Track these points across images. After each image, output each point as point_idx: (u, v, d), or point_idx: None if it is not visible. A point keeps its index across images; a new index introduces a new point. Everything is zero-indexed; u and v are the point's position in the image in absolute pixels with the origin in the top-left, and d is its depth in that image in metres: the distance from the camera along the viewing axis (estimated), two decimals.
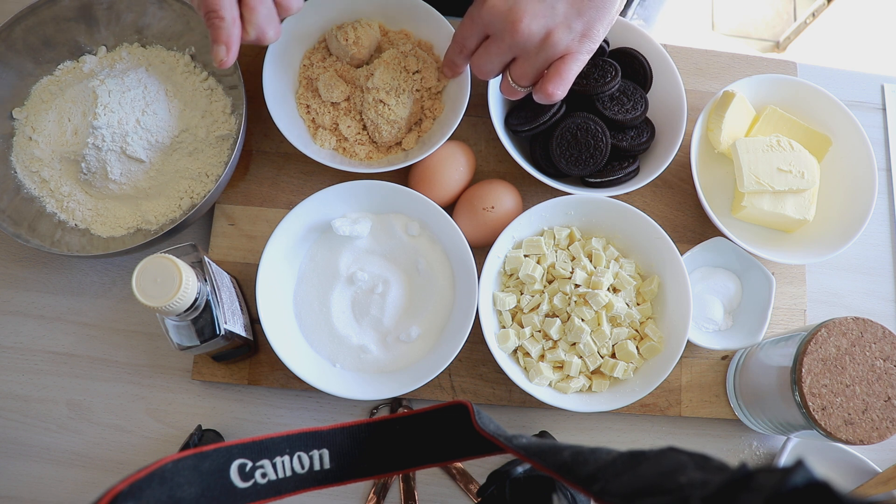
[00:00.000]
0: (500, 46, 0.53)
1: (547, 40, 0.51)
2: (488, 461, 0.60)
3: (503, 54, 0.54)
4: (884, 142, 0.76)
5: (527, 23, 0.50)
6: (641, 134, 0.67)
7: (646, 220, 0.62)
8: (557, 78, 0.53)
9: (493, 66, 0.55)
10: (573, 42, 0.52)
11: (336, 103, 0.65)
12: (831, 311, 0.70)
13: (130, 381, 0.62)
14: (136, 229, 0.62)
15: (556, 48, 0.52)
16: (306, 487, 0.40)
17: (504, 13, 0.51)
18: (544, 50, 0.52)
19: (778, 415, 0.58)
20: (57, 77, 0.64)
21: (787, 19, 1.96)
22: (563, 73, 0.53)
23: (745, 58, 0.76)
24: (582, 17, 0.51)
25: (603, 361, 0.60)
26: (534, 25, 0.51)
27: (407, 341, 0.61)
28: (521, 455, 0.37)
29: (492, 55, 0.54)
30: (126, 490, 0.32)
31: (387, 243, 0.63)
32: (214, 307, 0.50)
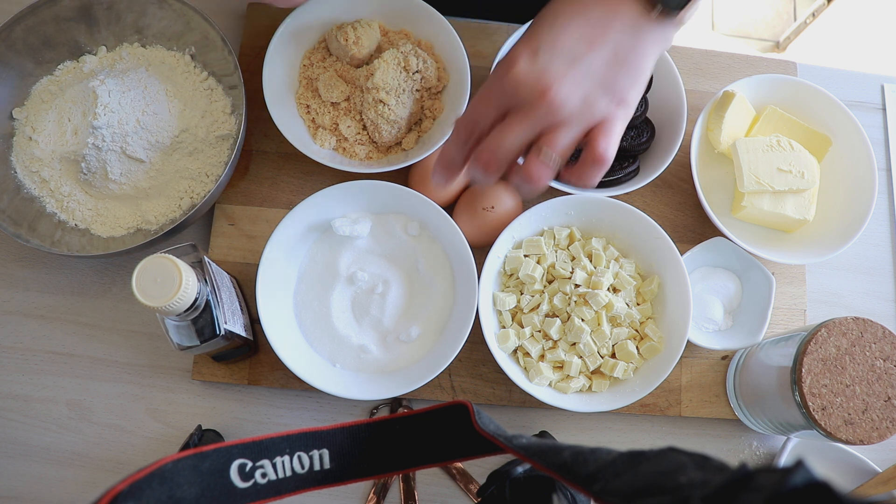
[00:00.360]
0: (526, 119, 0.45)
1: (584, 105, 0.45)
2: (488, 461, 0.60)
3: (529, 129, 0.45)
4: (884, 142, 0.76)
5: (563, 89, 0.44)
6: (641, 134, 0.67)
7: (646, 220, 0.62)
8: (606, 136, 0.45)
9: (513, 147, 0.45)
10: (610, 106, 0.46)
11: (336, 103, 0.65)
12: (831, 311, 0.70)
13: (130, 381, 0.62)
14: (136, 229, 0.62)
15: (594, 114, 0.45)
16: (306, 487, 0.40)
17: (534, 81, 0.44)
18: (582, 116, 0.45)
19: (778, 415, 0.58)
20: (57, 77, 0.64)
21: (787, 19, 1.96)
22: (610, 132, 0.46)
23: (745, 58, 0.76)
24: (617, 82, 0.46)
25: (603, 361, 0.60)
26: (570, 91, 0.44)
27: (407, 341, 0.61)
28: (521, 455, 0.37)
29: (514, 131, 0.45)
30: (126, 490, 0.32)
31: (387, 243, 0.63)
32: (214, 307, 0.50)
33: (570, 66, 0.44)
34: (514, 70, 0.45)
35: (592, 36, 0.45)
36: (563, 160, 0.46)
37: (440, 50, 0.67)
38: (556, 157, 0.46)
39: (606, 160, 0.46)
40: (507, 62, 0.45)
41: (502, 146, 0.45)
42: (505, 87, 0.45)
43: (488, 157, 0.46)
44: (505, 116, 0.46)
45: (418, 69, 0.64)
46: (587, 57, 0.45)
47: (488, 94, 0.46)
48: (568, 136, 0.45)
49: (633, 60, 0.46)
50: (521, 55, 0.45)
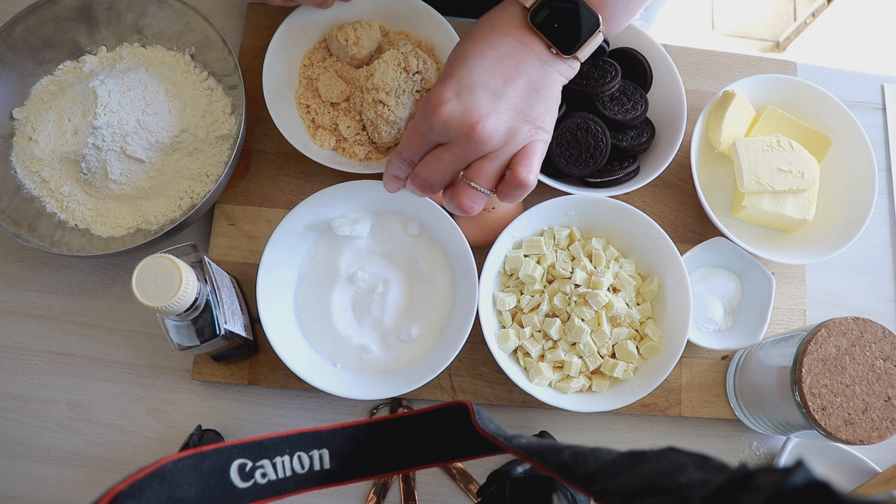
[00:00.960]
0: (455, 153, 0.48)
1: (508, 136, 0.48)
2: (488, 461, 0.60)
3: (458, 161, 0.49)
4: (884, 142, 0.76)
5: (489, 124, 0.47)
6: (641, 134, 0.67)
7: (646, 220, 0.62)
8: (527, 162, 0.49)
9: (445, 175, 0.50)
10: (530, 132, 0.49)
11: (336, 103, 0.65)
12: (831, 311, 0.70)
13: (130, 381, 0.62)
14: (136, 229, 0.63)
15: (517, 142, 0.49)
16: (306, 487, 0.40)
17: (460, 118, 0.47)
18: (507, 146, 0.49)
19: (778, 415, 0.58)
20: (57, 77, 0.64)
21: (787, 19, 1.96)
22: (531, 157, 0.49)
23: (745, 58, 0.76)
24: (534, 109, 0.49)
25: (603, 361, 0.60)
26: (495, 125, 0.47)
27: (407, 341, 0.61)
28: (521, 455, 0.37)
29: (444, 162, 0.49)
30: (126, 490, 0.32)
31: (387, 243, 0.63)
32: (214, 307, 0.50)
33: (492, 102, 0.48)
34: (441, 109, 0.48)
35: (507, 71, 0.49)
36: (491, 185, 0.50)
37: (440, 51, 0.67)
38: (486, 186, 0.50)
39: (529, 184, 0.49)
40: (433, 102, 0.48)
41: (434, 176, 0.50)
42: (434, 126, 0.48)
43: (422, 182, 0.51)
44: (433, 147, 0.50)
45: (418, 70, 0.64)
46: (506, 91, 0.48)
47: (418, 132, 0.50)
48: (494, 167, 0.49)
49: (545, 90, 0.50)
50: (443, 96, 0.48)
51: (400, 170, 0.53)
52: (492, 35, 0.50)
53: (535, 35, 0.50)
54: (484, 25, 0.51)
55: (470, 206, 0.50)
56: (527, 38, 0.50)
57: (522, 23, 0.50)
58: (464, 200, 0.50)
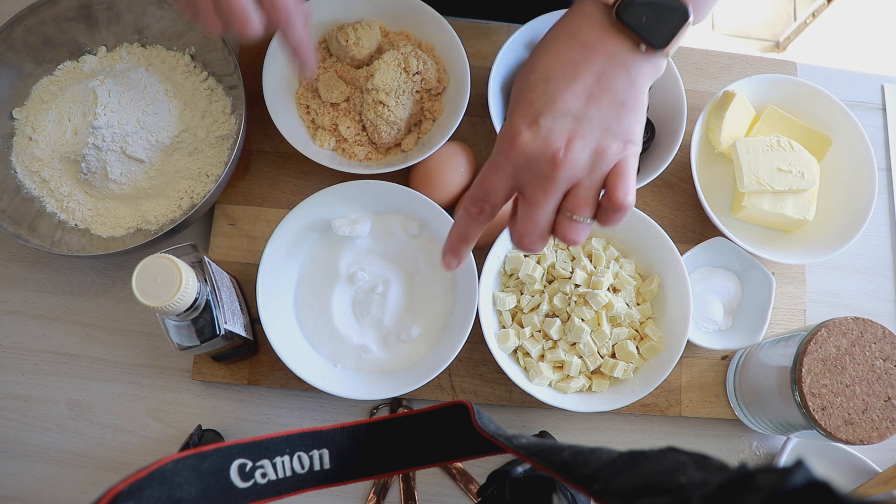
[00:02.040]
0: (547, 189, 0.44)
1: (595, 156, 0.44)
2: (488, 461, 0.60)
3: (553, 198, 0.44)
4: (884, 142, 0.76)
5: (573, 150, 0.43)
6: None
7: (646, 220, 0.62)
8: (621, 182, 0.44)
9: (547, 216, 0.45)
10: (619, 148, 0.45)
11: (336, 104, 0.65)
12: (831, 311, 0.70)
13: (130, 381, 0.62)
14: (136, 229, 0.63)
15: (605, 161, 0.44)
16: (306, 487, 0.40)
17: (541, 149, 0.43)
18: (597, 168, 0.44)
19: (778, 415, 0.58)
20: (57, 77, 0.64)
21: (787, 19, 1.97)
22: (624, 176, 0.45)
23: (745, 58, 0.76)
24: (622, 124, 0.45)
25: (603, 361, 0.60)
26: (580, 149, 0.44)
27: (407, 341, 0.61)
28: (521, 455, 0.37)
29: (540, 206, 0.44)
30: (126, 490, 0.32)
31: (387, 243, 0.63)
32: (214, 307, 0.50)
33: (574, 126, 0.44)
34: (519, 141, 0.44)
35: (589, 90, 0.45)
36: (592, 213, 0.46)
37: (440, 52, 0.67)
38: (586, 216, 0.45)
39: (628, 206, 0.45)
40: (510, 135, 0.45)
41: (537, 225, 0.45)
42: (513, 160, 0.44)
43: (529, 239, 0.46)
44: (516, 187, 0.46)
45: (418, 70, 0.64)
46: (588, 111, 0.44)
47: (496, 168, 0.45)
48: (589, 192, 0.45)
49: (631, 100, 0.46)
50: (521, 126, 0.44)
51: (469, 224, 0.47)
52: (570, 47, 0.46)
53: (620, 35, 0.45)
54: (560, 35, 0.47)
55: (575, 238, 0.46)
56: (610, 42, 0.45)
57: (605, 23, 0.45)
58: (569, 235, 0.45)
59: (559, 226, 0.46)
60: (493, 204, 0.46)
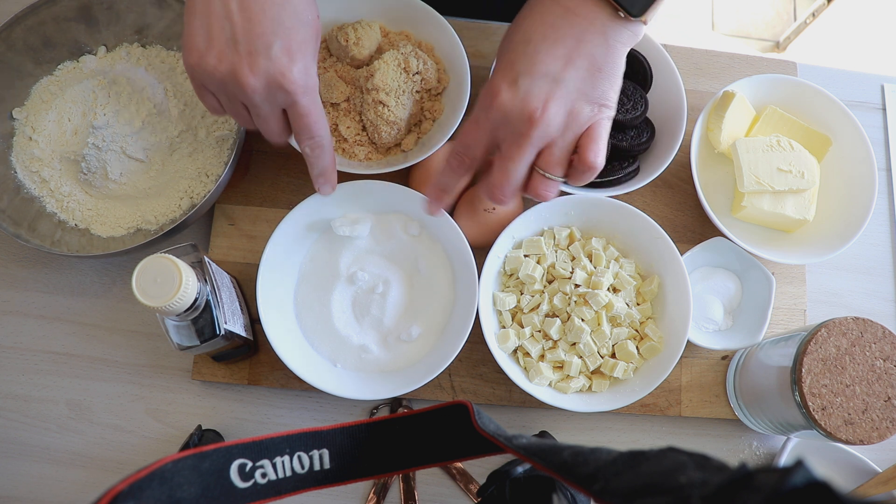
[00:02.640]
0: (522, 145, 0.48)
1: (570, 118, 0.47)
2: (488, 461, 0.60)
3: (527, 154, 0.48)
4: (884, 142, 0.76)
5: (549, 110, 0.46)
6: (641, 134, 0.67)
7: (646, 220, 0.62)
8: (592, 144, 0.48)
9: (521, 172, 0.49)
10: (593, 111, 0.48)
11: (336, 104, 0.65)
12: (831, 311, 0.70)
13: (130, 381, 0.62)
14: (136, 229, 0.63)
15: (579, 123, 0.48)
16: (306, 487, 0.40)
17: (519, 108, 0.47)
18: (570, 129, 0.48)
19: (778, 415, 0.58)
20: (57, 77, 0.64)
21: (787, 19, 1.97)
22: (596, 138, 0.48)
23: (745, 58, 0.76)
24: (597, 88, 0.48)
25: (603, 361, 0.60)
26: (556, 110, 0.47)
27: (407, 341, 0.61)
28: (521, 455, 0.37)
29: (515, 160, 0.48)
30: (126, 490, 0.32)
31: (387, 243, 0.63)
32: (214, 307, 0.50)
33: (551, 87, 0.47)
34: (499, 100, 0.47)
35: (568, 54, 0.47)
36: (563, 171, 0.50)
37: (440, 52, 0.67)
38: (557, 174, 0.49)
39: (597, 166, 0.48)
40: (491, 93, 0.48)
41: (510, 179, 0.49)
42: (492, 116, 0.48)
43: (500, 191, 0.50)
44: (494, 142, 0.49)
45: (418, 70, 0.64)
46: (566, 74, 0.47)
47: (477, 124, 0.49)
48: (562, 152, 0.49)
49: (608, 66, 0.48)
50: (502, 85, 0.48)
51: (450, 176, 0.51)
52: (552, 12, 0.48)
53: (600, 1, 0.47)
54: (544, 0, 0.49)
55: (545, 194, 0.50)
56: (590, 8, 0.47)
57: None
58: (539, 191, 0.50)
59: (532, 182, 0.50)
60: (472, 157, 0.50)
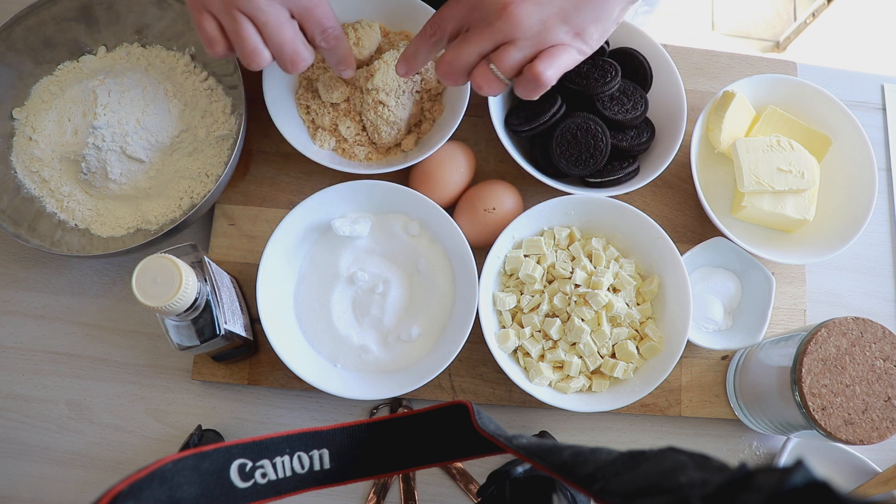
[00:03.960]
0: (484, 33, 0.47)
1: (540, 27, 0.46)
2: (488, 461, 0.60)
3: (486, 42, 0.48)
4: (884, 142, 0.76)
5: (522, 7, 0.46)
6: (641, 134, 0.67)
7: (646, 220, 0.62)
8: (549, 59, 0.47)
9: (472, 56, 0.49)
10: (566, 36, 0.47)
11: (336, 104, 0.65)
12: (831, 311, 0.70)
13: (130, 381, 0.62)
14: (136, 229, 0.63)
15: (547, 37, 0.47)
16: (306, 487, 0.40)
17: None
18: (535, 38, 0.47)
19: (778, 415, 0.58)
20: (57, 77, 0.64)
21: (787, 19, 1.96)
22: (556, 56, 0.47)
23: (745, 58, 0.76)
24: (579, 13, 0.47)
25: (603, 361, 0.60)
26: (529, 10, 0.46)
27: (407, 341, 0.61)
28: (521, 455, 0.37)
29: (472, 44, 0.48)
30: (126, 490, 0.32)
31: (387, 243, 0.63)
32: (214, 307, 0.50)
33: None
34: None
35: None
36: (510, 73, 0.49)
37: None
38: (506, 73, 0.48)
39: (544, 81, 0.47)
40: None
41: (459, 58, 0.49)
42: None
43: (446, 67, 0.50)
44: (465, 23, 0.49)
45: (418, 71, 0.64)
46: None
47: (457, 1, 0.49)
48: (517, 55, 0.48)
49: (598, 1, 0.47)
50: None
51: (420, 45, 0.51)
52: None
53: None
54: None
55: (481, 85, 0.49)
56: None
57: None
58: (479, 80, 0.49)
59: (477, 70, 0.49)
60: (443, 30, 0.50)
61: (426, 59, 0.53)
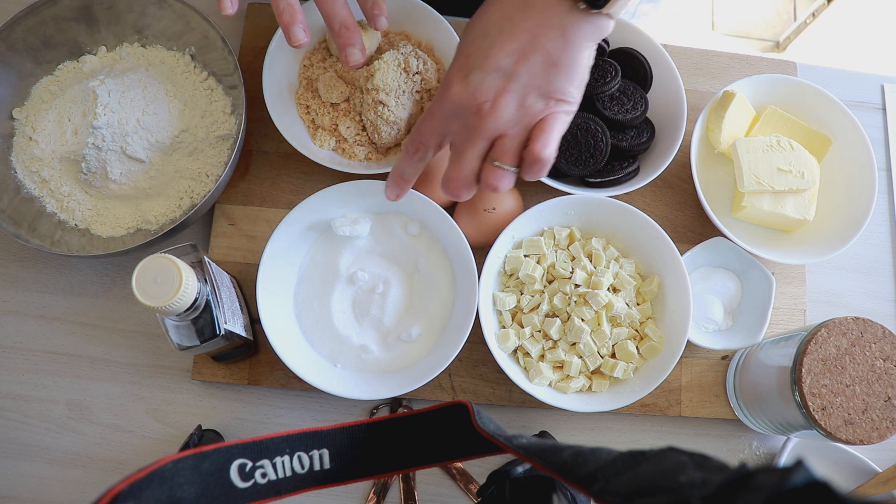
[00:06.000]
0: (473, 138, 0.49)
1: (521, 111, 0.48)
2: (488, 461, 0.60)
3: (478, 145, 0.49)
4: (884, 142, 0.76)
5: (498, 103, 0.47)
6: (641, 134, 0.67)
7: (646, 220, 0.62)
8: (543, 136, 0.48)
9: (473, 163, 0.50)
10: (548, 106, 0.48)
11: (336, 104, 0.65)
12: (831, 311, 0.70)
13: (130, 381, 0.62)
14: (136, 229, 0.63)
15: (531, 114, 0.48)
16: (306, 487, 0.40)
17: (468, 100, 0.48)
18: (521, 122, 0.48)
19: (778, 415, 0.58)
20: (57, 77, 0.64)
21: (787, 19, 1.96)
22: (547, 131, 0.48)
23: (745, 58, 0.76)
24: (550, 82, 0.48)
25: (603, 361, 0.60)
26: (505, 102, 0.47)
27: (407, 341, 0.61)
28: (521, 455, 0.37)
29: (466, 152, 0.49)
30: (126, 490, 0.32)
31: (387, 243, 0.63)
32: (214, 307, 0.50)
33: (502, 82, 0.47)
34: (450, 93, 0.48)
35: (522, 48, 0.47)
36: (514, 162, 0.50)
37: (440, 52, 0.67)
38: (508, 164, 0.49)
39: (544, 160, 0.48)
40: (445, 86, 0.49)
41: (462, 170, 0.50)
42: (444, 108, 0.49)
43: (456, 184, 0.51)
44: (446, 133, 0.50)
45: (418, 71, 0.64)
46: (518, 69, 0.47)
47: (431, 115, 0.50)
48: (513, 143, 0.49)
49: (565, 61, 0.48)
50: (455, 78, 0.49)
51: (407, 165, 0.53)
52: (511, 4, 0.48)
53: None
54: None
55: (496, 185, 0.50)
56: (547, 2, 0.47)
57: None
58: (490, 181, 0.50)
59: (484, 172, 0.50)
60: (426, 146, 0.52)
61: (413, 178, 0.55)
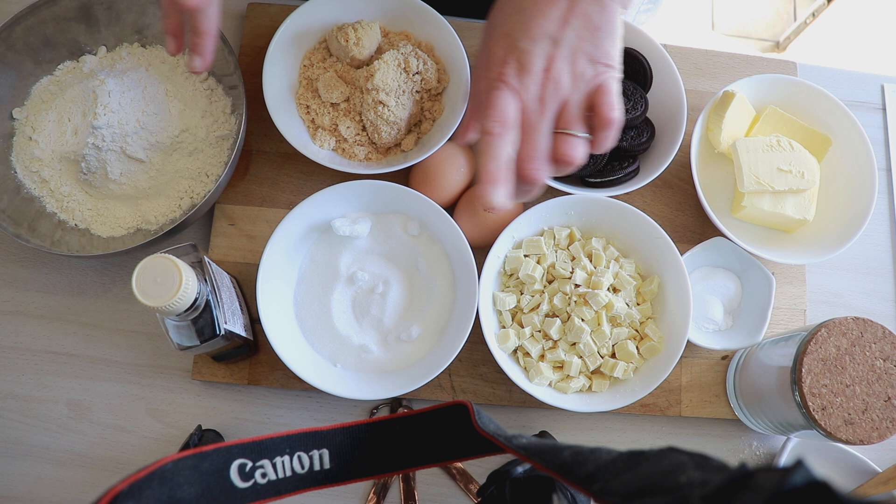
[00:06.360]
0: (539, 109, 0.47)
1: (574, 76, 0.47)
2: (488, 461, 0.60)
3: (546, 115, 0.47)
4: (884, 142, 0.76)
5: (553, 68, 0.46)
6: (641, 134, 0.67)
7: (646, 220, 0.62)
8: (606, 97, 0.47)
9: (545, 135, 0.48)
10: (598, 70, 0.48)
11: (336, 104, 0.65)
12: (831, 311, 0.70)
13: (130, 381, 0.62)
14: (136, 229, 0.63)
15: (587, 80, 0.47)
16: (306, 487, 0.40)
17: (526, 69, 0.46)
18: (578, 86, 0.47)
19: (778, 415, 0.58)
20: (57, 77, 0.64)
21: (787, 19, 1.96)
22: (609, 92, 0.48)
23: (745, 58, 0.76)
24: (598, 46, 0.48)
25: (603, 361, 0.60)
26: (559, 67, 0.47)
27: (407, 341, 0.61)
28: (521, 455, 0.37)
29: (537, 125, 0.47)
30: (126, 490, 0.32)
31: (387, 243, 0.63)
32: (214, 307, 0.50)
33: (552, 48, 0.47)
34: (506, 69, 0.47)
35: (563, 15, 0.47)
36: (584, 127, 0.48)
37: (440, 52, 0.67)
38: (579, 130, 0.48)
39: (615, 121, 0.48)
40: (488, 61, 0.48)
41: (537, 147, 0.47)
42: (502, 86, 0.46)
43: (530, 164, 0.47)
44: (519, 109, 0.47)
45: (418, 70, 0.64)
46: (564, 34, 0.47)
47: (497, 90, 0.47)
48: (576, 107, 0.48)
49: (606, 25, 0.48)
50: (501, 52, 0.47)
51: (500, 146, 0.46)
52: None
53: None
54: None
55: (573, 155, 0.47)
56: None
57: None
58: (567, 151, 0.47)
59: (557, 144, 0.48)
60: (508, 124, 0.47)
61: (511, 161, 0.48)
